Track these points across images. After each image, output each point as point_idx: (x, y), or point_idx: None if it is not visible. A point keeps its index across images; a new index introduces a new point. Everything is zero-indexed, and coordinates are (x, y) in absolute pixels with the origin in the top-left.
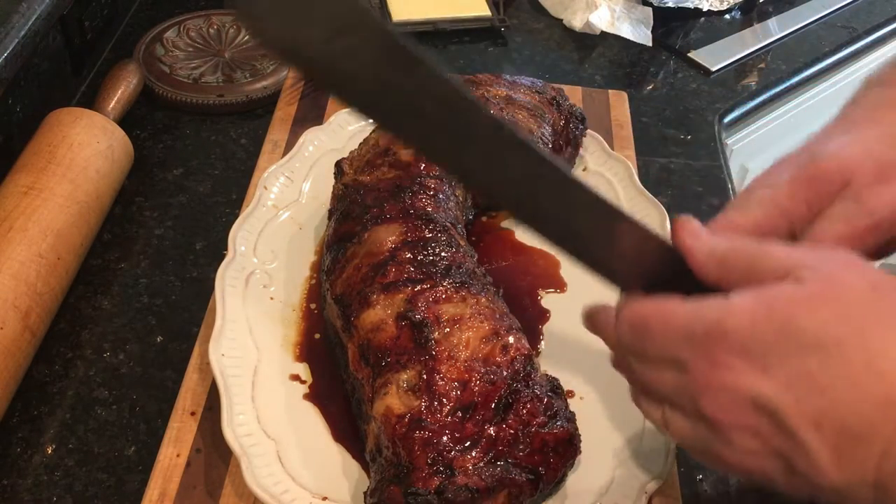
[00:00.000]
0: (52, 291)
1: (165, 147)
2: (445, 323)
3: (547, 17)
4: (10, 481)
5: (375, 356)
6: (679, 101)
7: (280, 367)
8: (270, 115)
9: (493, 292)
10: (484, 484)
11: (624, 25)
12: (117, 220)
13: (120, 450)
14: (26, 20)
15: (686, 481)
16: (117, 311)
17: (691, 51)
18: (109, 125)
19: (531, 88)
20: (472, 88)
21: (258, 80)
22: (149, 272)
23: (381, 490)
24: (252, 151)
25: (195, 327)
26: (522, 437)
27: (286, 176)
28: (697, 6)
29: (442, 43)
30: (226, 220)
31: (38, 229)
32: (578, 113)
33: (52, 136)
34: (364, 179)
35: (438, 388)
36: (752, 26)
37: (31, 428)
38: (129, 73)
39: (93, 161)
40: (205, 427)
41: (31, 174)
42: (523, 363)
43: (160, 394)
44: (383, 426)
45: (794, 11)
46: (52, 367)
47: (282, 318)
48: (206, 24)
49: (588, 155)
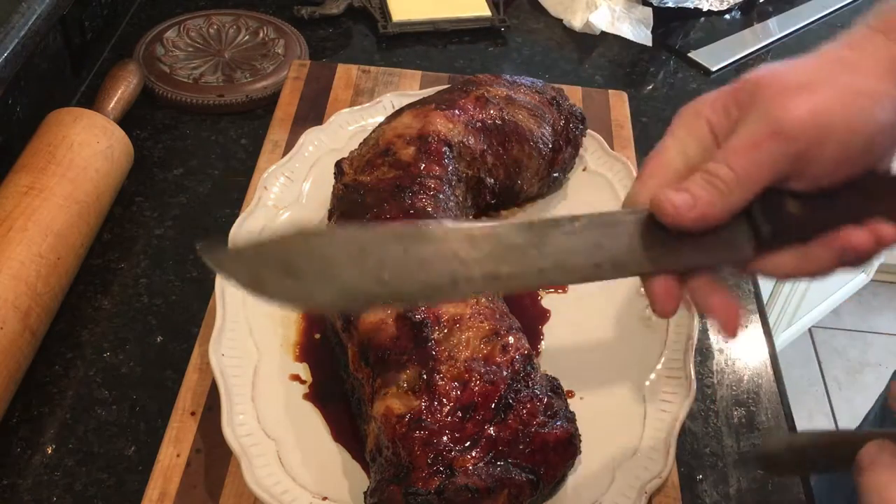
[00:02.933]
0: (52, 291)
1: (165, 147)
2: (445, 323)
3: (547, 17)
4: (10, 481)
5: (375, 356)
6: (679, 101)
7: (280, 367)
8: (270, 115)
9: (493, 292)
10: (484, 484)
11: (624, 25)
12: (117, 220)
13: (120, 450)
14: (26, 20)
15: (686, 481)
16: (117, 311)
17: (691, 51)
18: (109, 125)
19: (531, 88)
20: (472, 88)
21: (258, 80)
22: (149, 272)
23: (381, 490)
24: (252, 151)
25: (195, 327)
26: (522, 437)
27: (286, 176)
28: (697, 6)
29: (442, 43)
30: (226, 220)
31: (37, 229)
32: (578, 113)
33: (52, 136)
34: (364, 179)
35: (438, 388)
36: (752, 26)
37: (31, 428)
38: (129, 73)
39: (93, 161)
40: (205, 427)
41: (31, 174)
42: (523, 363)
43: (160, 394)
44: (383, 426)
45: (794, 11)
46: (52, 367)
47: (282, 318)
48: (206, 24)
49: (588, 155)
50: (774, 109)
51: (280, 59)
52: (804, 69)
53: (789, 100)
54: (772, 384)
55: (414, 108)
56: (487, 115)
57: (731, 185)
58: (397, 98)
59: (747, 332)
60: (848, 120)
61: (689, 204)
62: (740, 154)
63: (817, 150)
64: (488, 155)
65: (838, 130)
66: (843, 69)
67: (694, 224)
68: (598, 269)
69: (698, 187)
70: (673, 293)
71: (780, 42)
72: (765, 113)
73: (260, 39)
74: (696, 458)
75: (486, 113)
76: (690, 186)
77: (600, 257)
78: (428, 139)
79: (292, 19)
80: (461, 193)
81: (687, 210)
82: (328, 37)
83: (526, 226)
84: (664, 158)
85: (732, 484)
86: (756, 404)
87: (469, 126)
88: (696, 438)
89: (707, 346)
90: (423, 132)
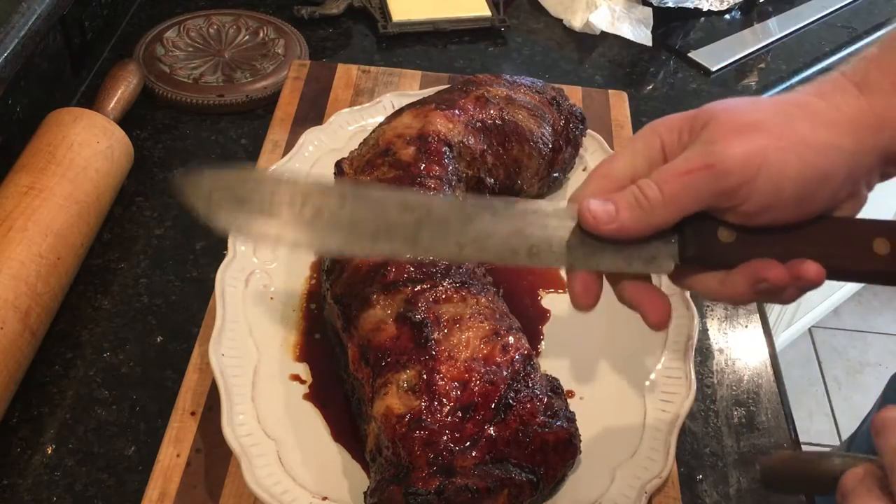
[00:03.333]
0: (52, 291)
1: (165, 147)
2: (445, 323)
3: (547, 17)
4: (10, 481)
5: (375, 356)
6: (679, 101)
7: (280, 367)
8: (270, 115)
9: (493, 292)
10: (484, 484)
11: (624, 25)
12: (117, 220)
13: (120, 450)
14: (26, 20)
15: (686, 481)
16: (117, 311)
17: (691, 51)
18: (109, 125)
19: (531, 88)
20: (472, 88)
21: (258, 80)
22: (149, 272)
23: (381, 490)
24: (252, 151)
25: (195, 327)
26: (522, 438)
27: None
28: (697, 6)
29: (442, 43)
30: None
31: (37, 229)
32: (578, 113)
33: (52, 136)
34: (364, 179)
35: (438, 388)
36: (752, 26)
37: (31, 428)
38: (129, 73)
39: (93, 161)
40: (205, 427)
41: (31, 174)
42: (523, 363)
43: (160, 394)
44: (383, 426)
45: (794, 11)
46: (52, 367)
47: (282, 318)
48: (206, 24)
49: (588, 155)
50: (715, 143)
51: (280, 59)
52: (761, 110)
53: (732, 137)
54: (772, 384)
55: (414, 108)
56: (487, 115)
57: (656, 205)
58: (397, 98)
59: (747, 332)
60: (782, 167)
61: (610, 216)
62: (671, 178)
63: (747, 189)
64: (488, 155)
65: (771, 175)
66: (801, 116)
67: (611, 234)
68: (513, 255)
69: (624, 202)
70: (591, 290)
71: (780, 42)
72: (706, 144)
73: (260, 39)
74: (696, 458)
75: (486, 113)
76: (617, 199)
77: (518, 244)
78: (428, 139)
79: (292, 19)
80: (461, 193)
81: (606, 221)
82: (328, 37)
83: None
84: (613, 166)
85: (732, 484)
86: (756, 404)
87: (469, 126)
88: (696, 438)
89: (707, 346)
90: (423, 132)
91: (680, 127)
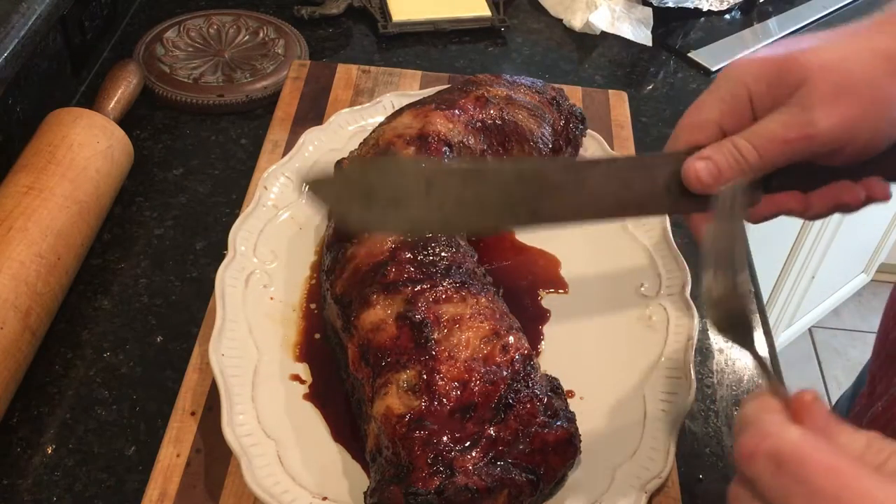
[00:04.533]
0: (52, 291)
1: (165, 147)
2: (445, 323)
3: (547, 17)
4: (10, 481)
5: (375, 356)
6: (679, 101)
7: (280, 367)
8: (270, 115)
9: (493, 292)
10: (484, 484)
11: (624, 25)
12: (117, 220)
13: (120, 450)
14: (26, 20)
15: (686, 481)
16: (117, 311)
17: (691, 51)
18: (109, 125)
19: (531, 88)
20: (472, 88)
21: (258, 80)
22: (149, 272)
23: (381, 490)
24: (252, 151)
25: (195, 327)
26: (522, 438)
27: (286, 176)
28: (697, 6)
29: (442, 43)
30: (226, 220)
31: (38, 229)
32: (578, 113)
33: (52, 136)
34: None
35: (438, 388)
36: (752, 26)
37: (31, 428)
38: (129, 73)
39: (93, 161)
40: (205, 427)
41: (31, 174)
42: (523, 363)
43: (160, 394)
44: (383, 426)
45: (794, 11)
46: (52, 367)
47: (282, 318)
48: (206, 24)
49: (588, 155)
50: (814, 110)
51: (280, 59)
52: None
53: (830, 105)
54: None
55: (414, 108)
56: (487, 115)
57: (755, 165)
58: (397, 98)
59: None
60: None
61: (714, 177)
62: (770, 143)
63: (840, 149)
64: (488, 155)
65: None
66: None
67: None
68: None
69: (725, 163)
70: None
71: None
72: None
73: (260, 39)
74: (696, 458)
75: (486, 113)
76: (718, 160)
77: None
78: (428, 139)
79: (292, 19)
80: None
81: (712, 183)
82: (328, 37)
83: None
84: (701, 115)
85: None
86: None
87: (469, 126)
88: (696, 438)
89: (707, 346)
90: (423, 132)
91: (768, 77)
